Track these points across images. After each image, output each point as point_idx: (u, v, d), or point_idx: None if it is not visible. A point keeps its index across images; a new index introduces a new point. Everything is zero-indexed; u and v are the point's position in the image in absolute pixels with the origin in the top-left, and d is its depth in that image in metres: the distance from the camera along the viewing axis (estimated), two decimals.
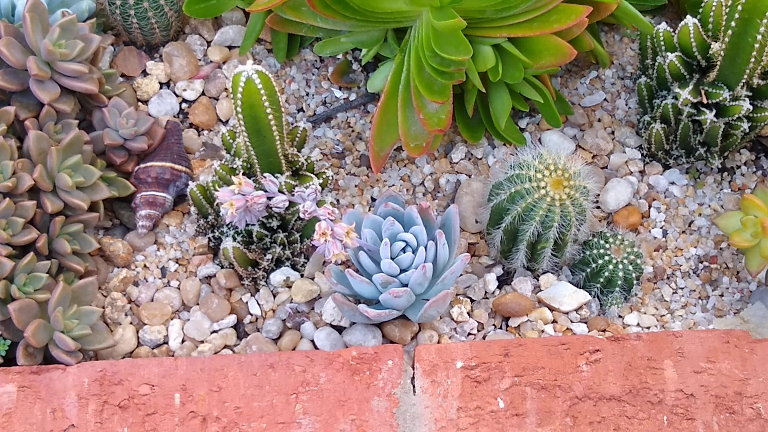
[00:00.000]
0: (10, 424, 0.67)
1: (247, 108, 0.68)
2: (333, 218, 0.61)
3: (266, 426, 0.68)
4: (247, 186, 0.61)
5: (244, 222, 0.63)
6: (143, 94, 0.89)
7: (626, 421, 0.68)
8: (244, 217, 0.62)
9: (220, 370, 0.70)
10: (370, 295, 0.73)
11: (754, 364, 0.71)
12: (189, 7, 0.88)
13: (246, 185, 0.61)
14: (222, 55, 0.92)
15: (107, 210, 0.83)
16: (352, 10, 0.77)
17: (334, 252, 0.61)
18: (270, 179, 0.62)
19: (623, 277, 0.77)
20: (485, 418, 0.68)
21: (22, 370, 0.69)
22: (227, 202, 0.60)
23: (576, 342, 0.71)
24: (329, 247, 0.61)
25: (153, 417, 0.68)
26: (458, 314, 0.77)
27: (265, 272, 0.79)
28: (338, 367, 0.70)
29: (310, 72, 0.92)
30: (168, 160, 0.83)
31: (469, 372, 0.70)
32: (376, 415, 0.68)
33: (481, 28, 0.79)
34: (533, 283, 0.81)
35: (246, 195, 0.61)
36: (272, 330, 0.77)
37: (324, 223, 0.61)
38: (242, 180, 0.61)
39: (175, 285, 0.81)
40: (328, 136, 0.89)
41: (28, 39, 0.77)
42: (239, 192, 0.61)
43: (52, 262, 0.75)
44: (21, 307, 0.70)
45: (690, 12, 0.85)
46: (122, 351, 0.77)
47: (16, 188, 0.74)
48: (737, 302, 0.82)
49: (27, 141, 0.76)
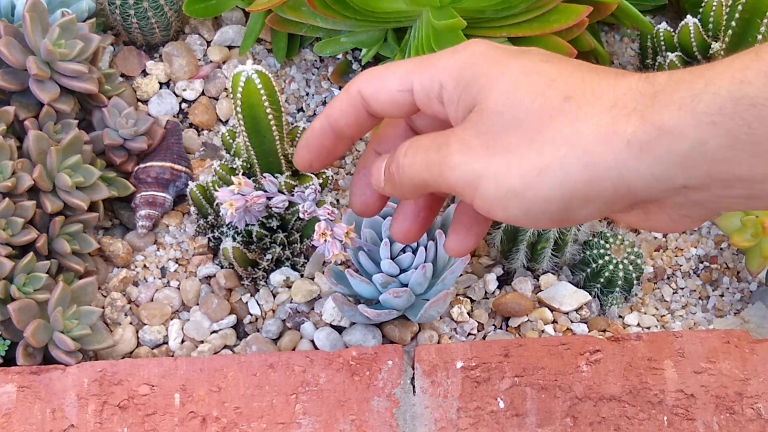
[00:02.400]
0: (10, 424, 0.67)
1: (246, 108, 0.68)
2: (333, 218, 0.61)
3: (266, 426, 0.68)
4: (246, 186, 0.61)
5: (243, 222, 0.62)
6: (143, 94, 0.89)
7: (626, 421, 0.68)
8: (244, 217, 0.62)
9: (220, 370, 0.70)
10: (370, 295, 0.73)
11: (754, 364, 0.70)
12: (189, 6, 0.88)
13: (246, 185, 0.61)
14: (222, 55, 0.92)
15: (107, 210, 0.83)
16: (352, 10, 0.77)
17: (334, 252, 0.61)
18: (270, 179, 0.62)
19: (623, 277, 0.77)
20: (485, 418, 0.68)
21: (22, 370, 0.69)
22: (227, 202, 0.60)
23: (576, 342, 0.71)
24: (329, 247, 0.61)
25: (153, 417, 0.68)
26: (458, 314, 0.77)
27: (265, 272, 0.79)
28: (338, 368, 0.70)
29: (310, 72, 0.92)
30: (168, 160, 0.83)
31: (469, 372, 0.70)
32: (376, 415, 0.68)
33: (481, 28, 0.79)
34: (533, 283, 0.81)
35: (246, 195, 0.61)
36: (272, 330, 0.77)
37: (323, 224, 0.61)
38: (242, 180, 0.61)
39: (175, 285, 0.81)
40: None
41: (27, 39, 0.77)
42: (239, 192, 0.61)
43: (52, 262, 0.75)
44: (20, 307, 0.70)
45: (690, 12, 0.85)
46: (122, 351, 0.77)
47: (16, 188, 0.73)
48: (737, 302, 0.82)
49: (27, 141, 0.76)
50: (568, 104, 0.41)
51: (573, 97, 0.41)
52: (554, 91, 0.41)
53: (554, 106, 0.41)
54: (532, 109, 0.41)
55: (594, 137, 0.40)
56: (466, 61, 0.44)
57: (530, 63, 0.43)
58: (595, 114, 0.40)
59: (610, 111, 0.40)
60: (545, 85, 0.42)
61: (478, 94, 0.43)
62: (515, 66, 0.43)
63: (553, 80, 0.42)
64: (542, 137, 0.41)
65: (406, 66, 0.47)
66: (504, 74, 0.43)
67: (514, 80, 0.42)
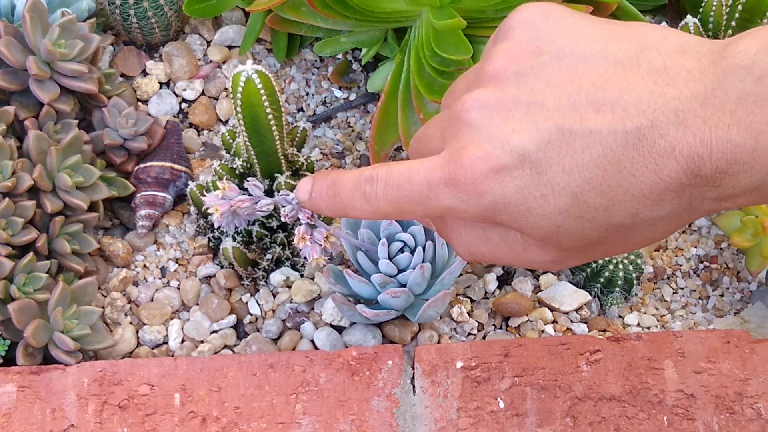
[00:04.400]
0: (10, 424, 0.67)
1: (246, 108, 0.68)
2: (312, 222, 0.60)
3: (266, 426, 0.68)
4: (231, 191, 0.61)
5: (233, 226, 0.62)
6: (143, 94, 0.89)
7: (626, 421, 0.68)
8: (233, 221, 0.62)
9: (220, 370, 0.70)
10: (369, 295, 0.73)
11: (754, 365, 0.70)
12: (189, 6, 0.88)
13: (230, 190, 0.61)
14: (222, 55, 0.92)
15: (107, 210, 0.83)
16: (352, 10, 0.77)
17: (314, 256, 0.60)
18: (253, 183, 0.61)
19: (623, 277, 0.77)
20: (485, 418, 0.68)
21: (22, 370, 0.69)
22: (213, 207, 0.60)
23: (576, 342, 0.71)
24: (308, 251, 0.61)
25: (153, 417, 0.68)
26: (458, 314, 0.77)
27: (265, 272, 0.79)
28: (338, 367, 0.70)
29: (310, 72, 0.92)
30: (168, 160, 0.83)
31: (469, 372, 0.70)
32: (376, 415, 0.68)
33: (481, 28, 0.79)
34: (533, 283, 0.81)
35: (231, 200, 0.61)
36: (272, 330, 0.77)
37: (303, 227, 0.60)
38: (226, 185, 0.60)
39: (175, 285, 0.81)
40: (328, 136, 0.89)
41: (27, 39, 0.77)
42: (223, 197, 0.61)
43: (52, 262, 0.75)
44: (20, 307, 0.70)
45: (690, 12, 0.85)
46: (122, 351, 0.77)
47: (16, 188, 0.73)
48: (737, 302, 0.82)
49: (27, 141, 0.76)
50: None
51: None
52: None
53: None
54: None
55: None
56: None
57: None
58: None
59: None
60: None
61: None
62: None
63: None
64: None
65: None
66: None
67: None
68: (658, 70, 0.40)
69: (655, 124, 0.39)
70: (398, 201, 0.46)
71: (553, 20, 0.44)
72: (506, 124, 0.42)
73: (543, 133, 0.41)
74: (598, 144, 0.40)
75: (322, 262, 0.61)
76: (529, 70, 0.43)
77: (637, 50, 0.41)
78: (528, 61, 0.43)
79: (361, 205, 0.48)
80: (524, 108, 0.42)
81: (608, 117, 0.40)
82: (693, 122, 0.39)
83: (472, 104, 0.44)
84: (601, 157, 0.40)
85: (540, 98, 0.42)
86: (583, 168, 0.41)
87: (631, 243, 0.44)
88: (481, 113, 0.43)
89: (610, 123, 0.40)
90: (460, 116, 0.44)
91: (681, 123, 0.39)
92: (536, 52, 0.43)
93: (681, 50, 0.41)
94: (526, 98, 0.42)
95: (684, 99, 0.39)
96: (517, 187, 0.42)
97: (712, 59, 0.39)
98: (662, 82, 0.40)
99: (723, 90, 0.38)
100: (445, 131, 0.46)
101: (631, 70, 0.41)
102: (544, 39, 0.43)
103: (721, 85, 0.38)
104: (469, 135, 0.44)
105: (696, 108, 0.39)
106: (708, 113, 0.38)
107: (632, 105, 0.40)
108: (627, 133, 0.40)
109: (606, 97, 0.40)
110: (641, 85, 0.40)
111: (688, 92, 0.39)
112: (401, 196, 0.46)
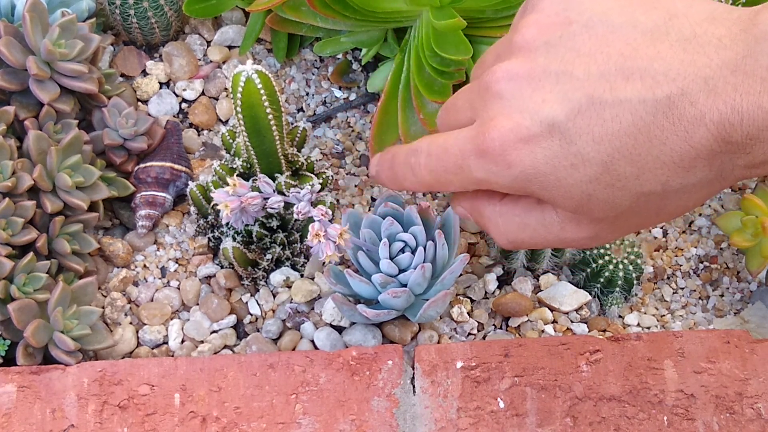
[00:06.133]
0: (10, 424, 0.67)
1: (246, 108, 0.68)
2: (327, 219, 0.61)
3: (266, 426, 0.68)
4: (241, 187, 0.61)
5: (241, 222, 0.62)
6: (143, 94, 0.89)
7: (626, 421, 0.68)
8: (241, 218, 0.62)
9: (220, 370, 0.70)
10: (369, 295, 0.73)
11: (754, 365, 0.70)
12: (189, 6, 0.88)
13: (241, 186, 0.61)
14: (222, 55, 0.92)
15: (107, 210, 0.83)
16: (352, 10, 0.77)
17: (328, 253, 0.61)
18: (265, 180, 0.61)
19: (623, 277, 0.77)
20: (485, 418, 0.68)
21: (22, 370, 0.69)
22: (222, 203, 0.60)
23: (576, 342, 0.71)
24: (322, 248, 0.61)
25: (153, 417, 0.68)
26: (458, 314, 0.77)
27: (265, 272, 0.79)
28: (338, 367, 0.70)
29: (310, 72, 0.92)
30: (168, 160, 0.83)
31: (469, 372, 0.70)
32: (376, 415, 0.68)
33: (481, 28, 0.79)
34: (533, 283, 0.81)
35: (241, 196, 0.61)
36: (272, 330, 0.77)
37: (317, 224, 0.60)
38: (237, 181, 0.61)
39: (175, 285, 0.81)
40: (328, 136, 0.89)
41: (27, 39, 0.77)
42: (234, 193, 0.61)
43: (52, 262, 0.75)
44: (20, 307, 0.70)
45: None
46: (122, 351, 0.77)
47: (16, 188, 0.73)
48: (737, 302, 0.82)
49: (27, 141, 0.76)
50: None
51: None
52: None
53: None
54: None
55: None
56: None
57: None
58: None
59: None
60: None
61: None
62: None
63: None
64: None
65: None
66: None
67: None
68: (687, 38, 0.40)
69: (685, 92, 0.39)
70: (437, 171, 0.47)
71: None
72: (536, 94, 0.43)
73: (573, 103, 0.41)
74: (627, 113, 0.40)
75: (336, 258, 0.62)
76: (559, 41, 0.43)
77: (665, 18, 0.41)
78: (557, 32, 0.43)
79: (409, 176, 0.50)
80: (554, 78, 0.42)
81: (638, 86, 0.40)
82: (724, 89, 0.39)
83: (502, 75, 0.44)
84: (631, 126, 0.40)
85: (570, 68, 0.42)
86: (613, 137, 0.41)
87: (664, 212, 0.44)
88: (511, 84, 0.44)
89: (640, 92, 0.40)
90: (490, 87, 0.44)
91: (711, 90, 0.39)
92: (565, 22, 0.43)
93: (710, 18, 0.41)
94: (556, 68, 0.42)
95: (714, 66, 0.39)
96: (546, 157, 0.42)
97: (743, 27, 0.39)
98: (692, 50, 0.40)
99: (754, 57, 0.38)
100: (474, 102, 0.46)
101: (659, 39, 0.41)
102: (573, 9, 0.43)
103: (753, 52, 0.38)
104: (500, 106, 0.44)
105: (727, 75, 0.39)
106: (739, 80, 0.38)
107: (661, 73, 0.40)
108: (657, 101, 0.40)
109: (635, 65, 0.41)
110: (670, 54, 0.40)
111: (719, 60, 0.39)
112: (439, 166, 0.47)
